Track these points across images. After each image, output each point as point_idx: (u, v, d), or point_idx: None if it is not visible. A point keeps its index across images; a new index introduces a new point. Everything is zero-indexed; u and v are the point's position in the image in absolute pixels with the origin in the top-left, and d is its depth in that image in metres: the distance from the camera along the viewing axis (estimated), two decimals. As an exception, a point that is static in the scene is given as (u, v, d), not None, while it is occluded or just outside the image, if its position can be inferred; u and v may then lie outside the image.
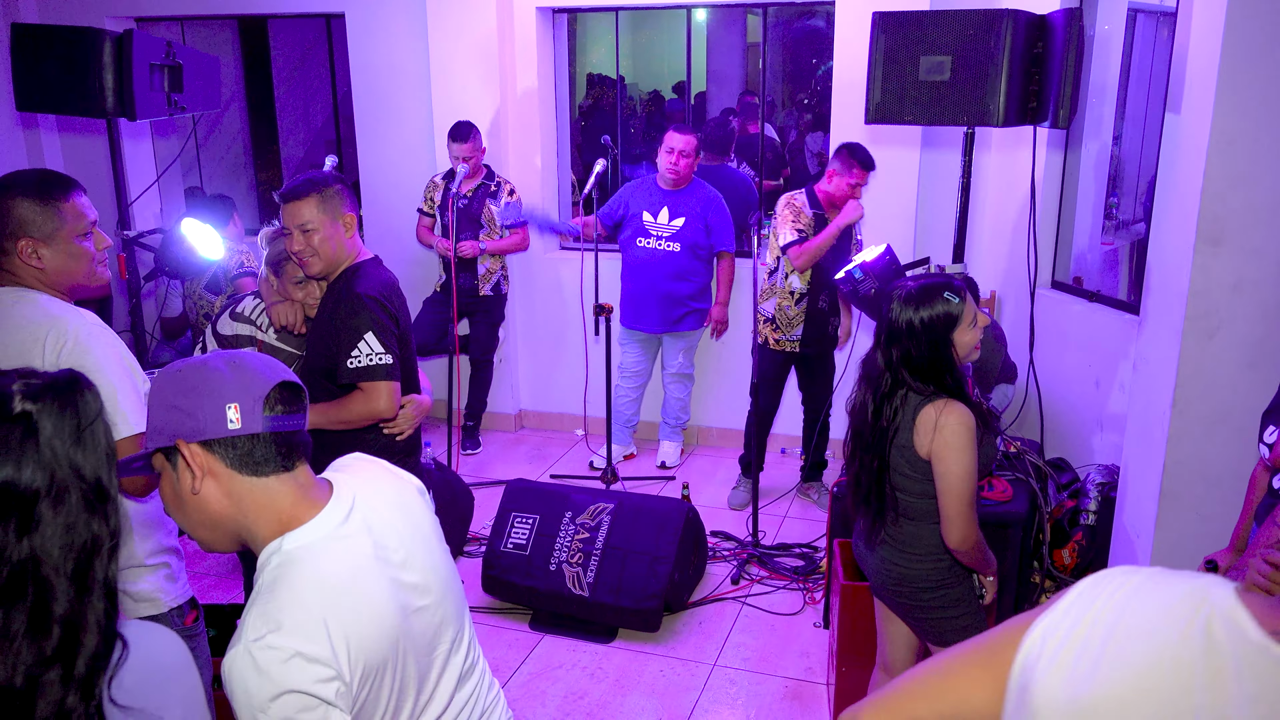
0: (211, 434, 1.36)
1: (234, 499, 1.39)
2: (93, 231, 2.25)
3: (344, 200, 2.79)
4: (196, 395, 1.36)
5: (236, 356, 1.42)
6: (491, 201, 5.24)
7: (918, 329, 2.41)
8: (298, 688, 1.27)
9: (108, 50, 3.61)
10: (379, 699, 1.40)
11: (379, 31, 5.66)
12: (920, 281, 2.48)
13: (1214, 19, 2.90)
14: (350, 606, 1.36)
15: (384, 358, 2.69)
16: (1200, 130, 2.97)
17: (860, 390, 2.59)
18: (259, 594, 1.34)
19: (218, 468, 1.37)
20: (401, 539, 1.50)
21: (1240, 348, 3.04)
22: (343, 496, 1.47)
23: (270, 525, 1.40)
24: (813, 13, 9.18)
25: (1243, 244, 2.97)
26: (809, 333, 4.67)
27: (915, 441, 2.43)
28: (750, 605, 4.05)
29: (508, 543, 3.96)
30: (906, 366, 2.44)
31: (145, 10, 6.12)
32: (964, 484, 2.37)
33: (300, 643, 1.28)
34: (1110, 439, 4.32)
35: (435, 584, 1.53)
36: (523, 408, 6.09)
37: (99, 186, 6.27)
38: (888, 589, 2.63)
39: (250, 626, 1.29)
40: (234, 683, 1.27)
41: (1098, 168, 5.00)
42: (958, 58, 3.10)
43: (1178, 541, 3.23)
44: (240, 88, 7.95)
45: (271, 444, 1.39)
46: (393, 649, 1.41)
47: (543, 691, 3.52)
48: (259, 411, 1.37)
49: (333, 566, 1.38)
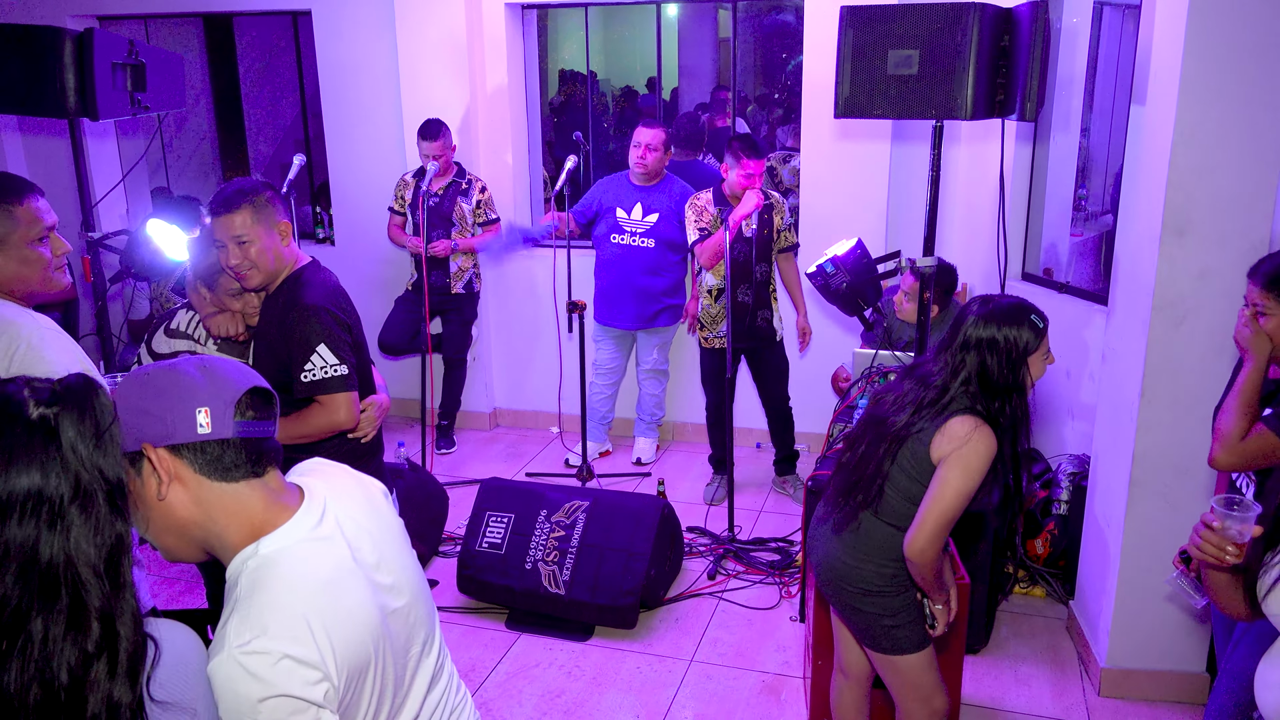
0: (180, 438, 1.33)
1: (202, 505, 1.36)
2: (49, 236, 2.19)
3: (277, 208, 2.71)
4: (166, 399, 1.33)
5: (207, 361, 1.40)
6: (463, 199, 5.21)
7: (1000, 346, 2.34)
8: (288, 691, 1.25)
9: (68, 49, 3.55)
10: (359, 702, 1.39)
11: (346, 29, 5.61)
12: (1009, 300, 2.42)
13: (1177, 11, 2.93)
14: (333, 608, 1.34)
15: (339, 369, 2.64)
16: (1165, 122, 3.00)
17: (902, 383, 2.51)
18: (238, 600, 1.32)
19: (185, 473, 1.35)
20: (374, 541, 1.49)
21: (1207, 335, 3.08)
22: (315, 500, 1.45)
23: (242, 531, 1.37)
24: (782, 7, 9.20)
25: (1207, 233, 3.01)
26: (735, 328, 4.60)
27: (933, 442, 2.36)
28: (726, 600, 4.05)
29: (483, 542, 3.95)
30: (981, 379, 2.35)
31: (108, 9, 6.03)
32: (955, 502, 2.31)
33: (288, 645, 1.27)
34: (1081, 428, 4.36)
35: (407, 586, 1.52)
36: (497, 406, 6.07)
37: (63, 188, 6.18)
38: (830, 584, 2.57)
39: (234, 633, 1.27)
40: (221, 690, 1.25)
41: (1066, 160, 5.03)
42: (925, 51, 3.11)
43: (1147, 530, 3.27)
44: (207, 86, 7.87)
45: (242, 449, 1.37)
46: (375, 650, 1.39)
47: (519, 690, 3.51)
48: (230, 416, 1.35)
49: (312, 568, 1.36)
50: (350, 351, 2.70)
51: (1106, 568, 3.43)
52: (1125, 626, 3.37)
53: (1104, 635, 3.43)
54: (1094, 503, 3.61)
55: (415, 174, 5.25)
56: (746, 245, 4.61)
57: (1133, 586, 3.32)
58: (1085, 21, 4.89)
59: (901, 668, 2.55)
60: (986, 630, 3.70)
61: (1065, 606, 3.91)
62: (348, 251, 5.85)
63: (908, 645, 2.51)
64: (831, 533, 2.56)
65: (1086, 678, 3.53)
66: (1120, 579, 3.34)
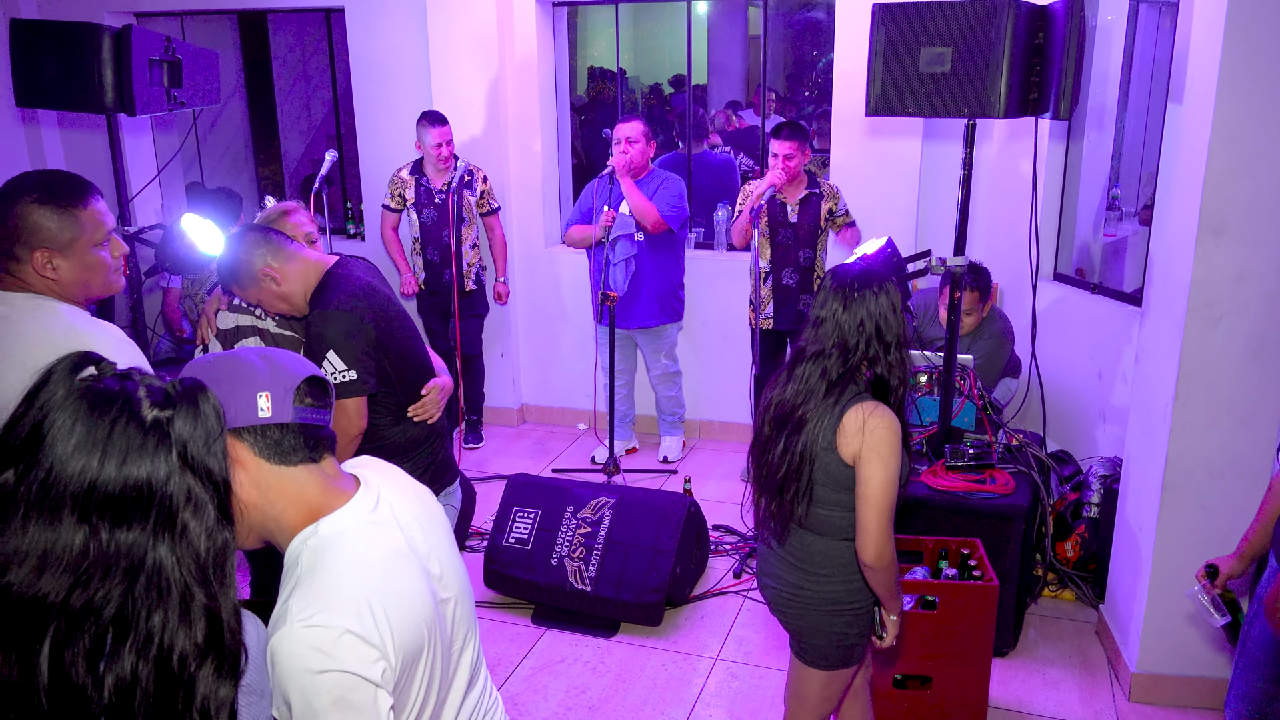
0: (242, 422, 1.37)
1: (261, 489, 1.39)
2: (109, 239, 2.14)
3: (275, 246, 2.68)
4: (228, 384, 1.37)
5: (267, 351, 1.45)
6: (468, 192, 5.20)
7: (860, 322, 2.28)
8: (348, 667, 1.27)
9: (107, 45, 3.60)
10: (408, 693, 1.40)
11: (379, 25, 5.65)
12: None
13: (1217, 9, 2.88)
14: (391, 590, 1.36)
15: (346, 374, 2.63)
16: (1203, 121, 2.96)
17: (796, 365, 2.40)
18: (300, 577, 1.35)
19: (245, 456, 1.38)
20: (425, 532, 1.52)
21: (1243, 338, 3.03)
22: (370, 487, 1.49)
23: (300, 514, 1.41)
24: (813, 5, 9.16)
25: (1245, 235, 2.96)
26: (779, 310, 4.77)
27: (839, 443, 2.27)
28: (752, 599, 4.04)
29: (509, 537, 3.96)
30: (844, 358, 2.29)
31: (144, 5, 6.11)
32: (886, 495, 2.23)
33: (350, 620, 1.29)
34: (1113, 431, 4.31)
35: (454, 580, 1.55)
36: (524, 402, 6.09)
37: (99, 182, 6.23)
38: (782, 608, 2.45)
39: (296, 607, 1.30)
40: (283, 663, 1.28)
41: (1100, 159, 4.98)
42: (958, 49, 3.09)
43: (1180, 534, 3.23)
44: (240, 82, 7.94)
45: (300, 434, 1.41)
46: (428, 636, 1.42)
47: (545, 686, 3.52)
48: (289, 402, 1.39)
49: (371, 550, 1.39)
50: (369, 355, 2.68)
51: (1138, 571, 3.39)
52: (1156, 631, 3.34)
53: (1134, 640, 3.40)
54: (1126, 506, 3.57)
55: (412, 170, 5.22)
56: (790, 230, 4.72)
57: (1164, 591, 3.28)
58: (1120, 19, 4.83)
59: (825, 681, 2.45)
60: (1015, 633, 3.67)
61: (1095, 610, 3.87)
62: (378, 246, 5.88)
63: (852, 660, 2.43)
64: (784, 540, 2.43)
65: (1116, 682, 3.50)
66: (1152, 583, 3.30)
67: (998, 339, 4.36)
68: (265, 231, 2.71)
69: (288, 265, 2.68)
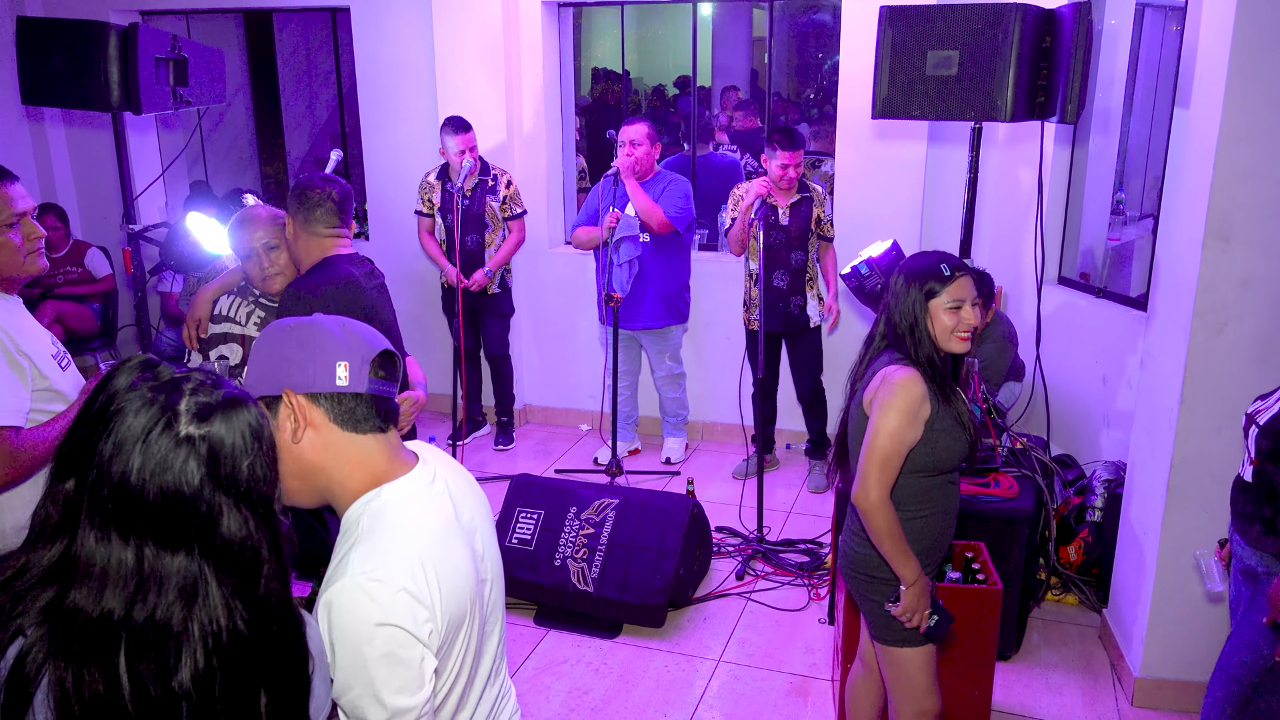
0: (320, 388, 1.42)
1: (331, 451, 1.44)
2: (20, 221, 2.24)
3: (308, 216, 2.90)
4: (308, 349, 1.42)
5: (345, 321, 1.49)
6: (490, 197, 5.20)
7: (900, 290, 2.42)
8: (402, 624, 1.32)
9: (113, 44, 3.61)
10: (445, 665, 1.43)
11: (384, 25, 5.65)
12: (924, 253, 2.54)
13: (1224, 13, 2.88)
14: (444, 558, 1.41)
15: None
16: (1210, 125, 2.95)
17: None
18: (360, 535, 1.40)
19: (320, 420, 1.43)
20: (473, 512, 1.57)
21: (1249, 344, 3.03)
22: (428, 462, 1.54)
23: (365, 479, 1.45)
24: (819, 7, 9.16)
25: (1252, 240, 2.96)
26: (769, 312, 4.77)
27: (864, 398, 2.41)
28: (755, 601, 4.04)
29: (512, 538, 3.96)
30: (890, 323, 2.44)
31: (150, 4, 6.12)
32: (885, 442, 2.30)
33: (406, 579, 1.34)
34: (1117, 436, 4.31)
35: (492, 564, 1.60)
36: (527, 403, 6.09)
37: (105, 180, 6.28)
38: (845, 570, 2.58)
39: (358, 560, 1.35)
40: (340, 615, 1.32)
41: (1105, 163, 4.98)
42: (965, 52, 3.09)
43: (1184, 539, 3.22)
44: (246, 81, 7.95)
45: (372, 405, 1.45)
46: (470, 608, 1.46)
47: (547, 687, 3.52)
48: (365, 373, 1.44)
49: (429, 517, 1.45)
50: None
51: (1142, 576, 3.39)
52: (1160, 636, 3.33)
53: (1138, 644, 3.39)
54: (1130, 510, 3.57)
55: (439, 174, 5.24)
56: (782, 233, 4.74)
57: (1169, 595, 3.28)
58: (1126, 23, 4.83)
59: (899, 661, 2.53)
60: (1018, 637, 3.66)
61: (1098, 614, 3.86)
62: (382, 246, 5.89)
63: (909, 638, 2.49)
64: (850, 515, 2.56)
65: (1119, 687, 3.49)
66: (1156, 588, 3.29)
67: (1001, 343, 4.36)
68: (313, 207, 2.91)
69: (305, 234, 2.90)
